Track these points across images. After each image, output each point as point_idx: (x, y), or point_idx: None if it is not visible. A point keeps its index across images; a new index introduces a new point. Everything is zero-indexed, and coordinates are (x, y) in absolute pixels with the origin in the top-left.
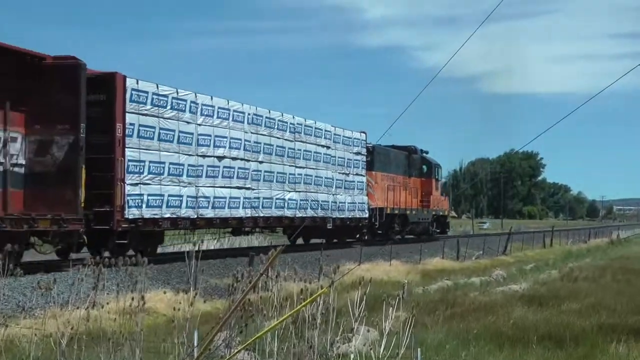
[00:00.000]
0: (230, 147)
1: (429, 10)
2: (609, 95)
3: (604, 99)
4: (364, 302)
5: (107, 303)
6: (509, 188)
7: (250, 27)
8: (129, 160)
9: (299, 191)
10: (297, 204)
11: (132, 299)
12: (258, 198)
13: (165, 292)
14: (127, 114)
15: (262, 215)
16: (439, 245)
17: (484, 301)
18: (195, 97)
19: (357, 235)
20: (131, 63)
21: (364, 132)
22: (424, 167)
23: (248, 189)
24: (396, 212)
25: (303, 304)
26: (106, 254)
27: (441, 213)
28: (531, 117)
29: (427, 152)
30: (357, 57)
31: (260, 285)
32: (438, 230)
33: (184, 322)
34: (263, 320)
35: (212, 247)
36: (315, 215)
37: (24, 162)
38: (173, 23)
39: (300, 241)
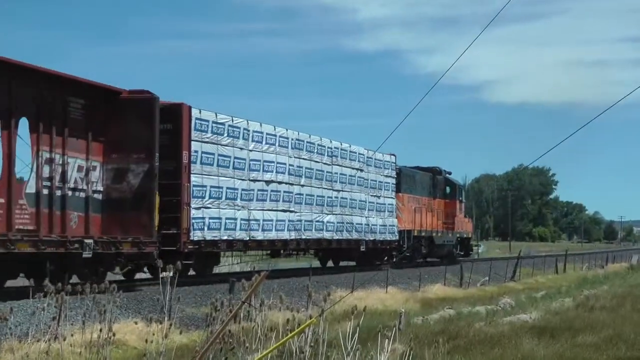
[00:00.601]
0: (277, 172)
1: (427, 10)
2: (625, 106)
3: (620, 110)
4: (357, 333)
5: (72, 335)
6: (517, 207)
7: (234, 30)
8: (194, 186)
9: (336, 214)
10: (334, 226)
11: (100, 330)
12: (300, 221)
13: (136, 323)
14: (192, 142)
15: (303, 237)
16: (440, 271)
17: (490, 332)
18: (248, 124)
19: (385, 258)
20: (104, 65)
21: (393, 155)
22: (448, 188)
23: (292, 211)
24: (423, 234)
25: (290, 335)
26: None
27: (465, 235)
28: (541, 128)
29: (450, 173)
30: (350, 62)
31: (241, 314)
32: (462, 253)
33: (158, 356)
34: (245, 353)
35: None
36: (350, 237)
37: (101, 189)
38: (151, 23)
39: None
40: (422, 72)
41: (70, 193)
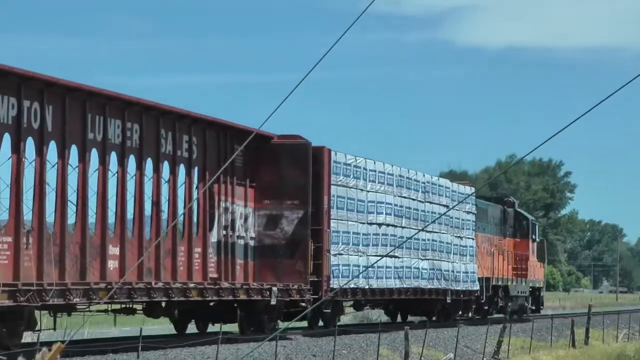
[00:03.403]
0: (385, 213)
1: None
2: None
3: None
4: None
5: None
6: None
7: None
8: (332, 232)
9: (428, 259)
10: (427, 273)
11: None
12: (402, 267)
13: None
14: (331, 187)
15: (405, 286)
16: (369, 343)
17: None
18: (365, 163)
19: (460, 312)
20: None
21: (473, 186)
22: (518, 224)
23: (396, 257)
24: (500, 283)
25: None
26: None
27: (537, 285)
28: (546, 94)
29: (516, 202)
30: None
31: None
32: (533, 308)
33: None
34: None
35: None
36: (439, 286)
37: (254, 235)
38: None
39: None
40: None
41: (236, 240)
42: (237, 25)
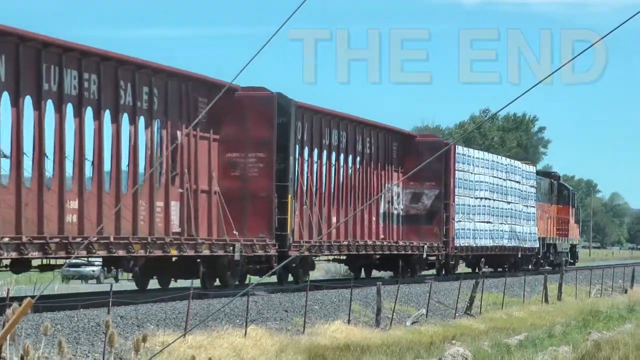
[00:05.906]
0: (484, 190)
1: None
2: None
3: None
4: None
5: None
6: None
7: None
8: (456, 204)
9: (508, 223)
10: (508, 234)
11: None
12: (493, 230)
13: None
14: (456, 171)
15: (495, 244)
16: (342, 299)
17: None
18: (474, 152)
19: (523, 266)
20: None
21: (533, 165)
22: (560, 194)
23: (490, 222)
24: (550, 241)
25: None
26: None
27: (574, 242)
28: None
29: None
30: None
31: None
32: (571, 261)
33: None
34: None
35: None
36: (513, 245)
37: (402, 207)
38: None
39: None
40: None
41: (393, 211)
42: None
